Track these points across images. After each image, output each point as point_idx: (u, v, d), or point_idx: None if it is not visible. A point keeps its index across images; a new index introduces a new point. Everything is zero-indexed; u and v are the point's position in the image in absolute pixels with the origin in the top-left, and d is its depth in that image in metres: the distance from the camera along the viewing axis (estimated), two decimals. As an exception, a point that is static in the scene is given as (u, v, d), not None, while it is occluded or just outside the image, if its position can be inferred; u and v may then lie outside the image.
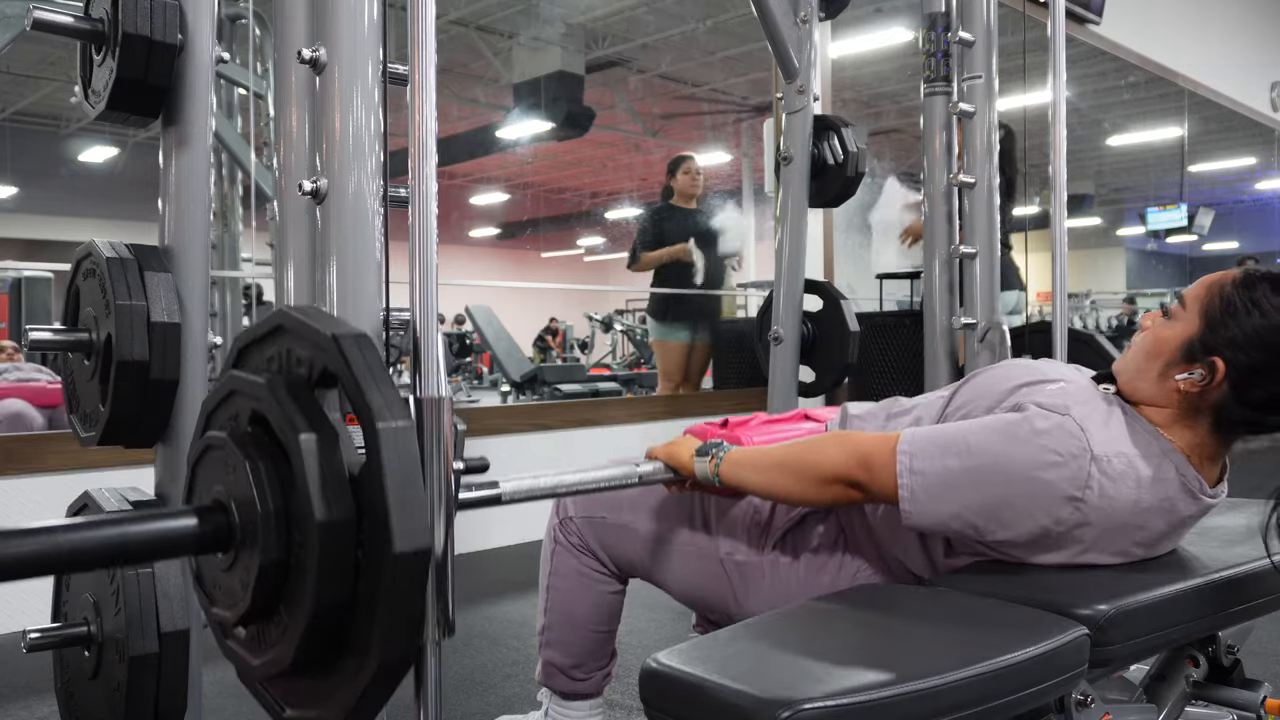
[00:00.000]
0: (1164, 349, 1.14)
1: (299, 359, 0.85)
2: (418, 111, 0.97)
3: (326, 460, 0.79)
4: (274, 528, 0.80)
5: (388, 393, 0.79)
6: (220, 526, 0.83)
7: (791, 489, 1.21)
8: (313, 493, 0.78)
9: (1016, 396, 1.16)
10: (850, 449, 1.17)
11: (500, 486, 1.09)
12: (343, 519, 0.78)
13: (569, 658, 1.50)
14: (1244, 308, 1.09)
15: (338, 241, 1.05)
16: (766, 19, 2.46)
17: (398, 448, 0.78)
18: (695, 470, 1.27)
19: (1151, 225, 10.17)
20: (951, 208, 2.32)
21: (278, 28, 1.14)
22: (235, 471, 0.82)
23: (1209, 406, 1.12)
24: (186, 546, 0.84)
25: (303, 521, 0.79)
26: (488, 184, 14.44)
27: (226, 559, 0.85)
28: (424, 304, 0.96)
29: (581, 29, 8.37)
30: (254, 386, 0.84)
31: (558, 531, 1.52)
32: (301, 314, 0.86)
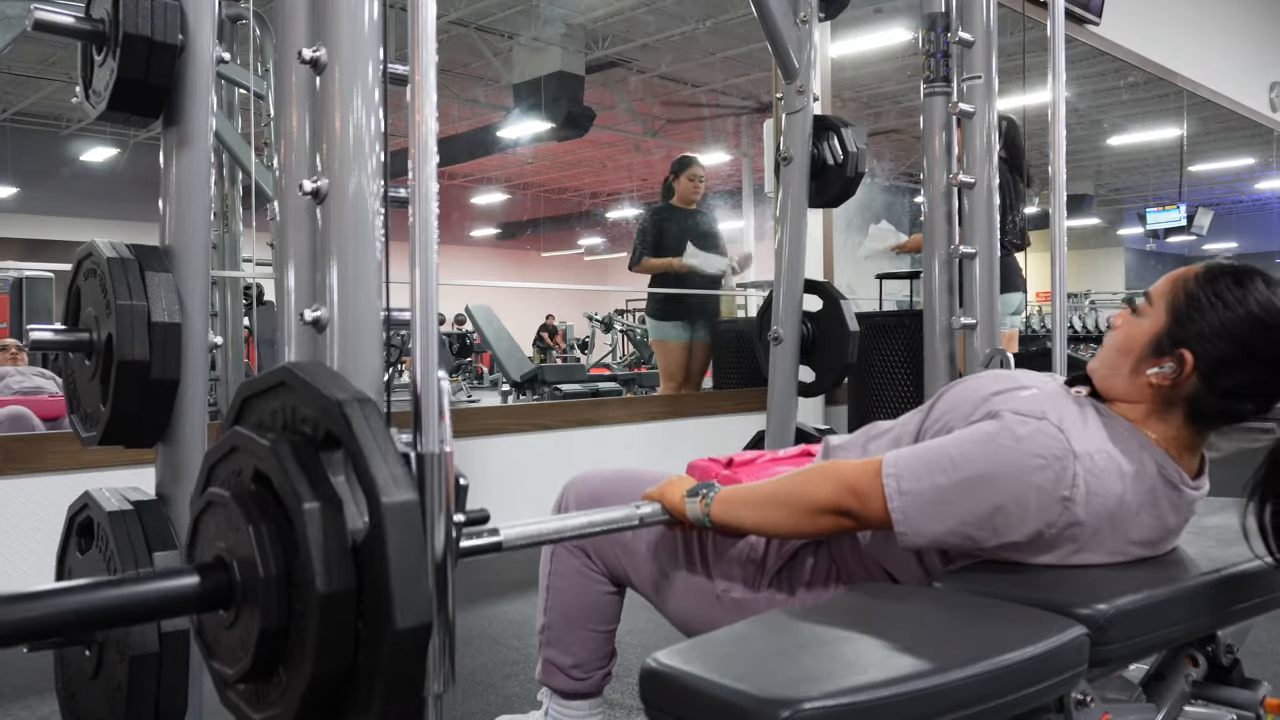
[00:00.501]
0: (1134, 345, 1.17)
1: (304, 417, 0.85)
2: (418, 111, 0.97)
3: (330, 530, 0.79)
4: (275, 593, 0.80)
5: (391, 463, 0.80)
6: (222, 585, 0.84)
7: (784, 523, 1.22)
8: (315, 563, 0.78)
9: (991, 405, 1.17)
10: (837, 478, 1.18)
11: (501, 534, 1.09)
12: (344, 590, 0.78)
13: (569, 657, 1.50)
14: (1208, 301, 1.12)
15: (338, 241, 1.05)
16: (766, 19, 2.46)
17: (401, 523, 0.78)
18: (687, 513, 1.28)
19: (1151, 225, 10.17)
20: (951, 208, 2.32)
21: (278, 28, 1.14)
22: (238, 532, 0.82)
23: (1182, 399, 1.14)
24: (189, 605, 0.84)
25: (304, 590, 0.79)
26: (488, 184, 14.45)
27: (228, 616, 0.85)
28: (424, 304, 0.96)
29: (581, 29, 8.37)
30: (260, 448, 0.84)
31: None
32: (306, 373, 0.86)
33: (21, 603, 0.76)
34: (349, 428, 0.80)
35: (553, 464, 3.44)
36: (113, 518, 1.17)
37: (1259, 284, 1.12)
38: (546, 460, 3.44)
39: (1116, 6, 5.85)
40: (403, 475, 0.79)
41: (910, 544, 1.15)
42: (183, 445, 1.26)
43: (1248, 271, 1.14)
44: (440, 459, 0.93)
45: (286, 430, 0.86)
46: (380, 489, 0.78)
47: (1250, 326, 1.10)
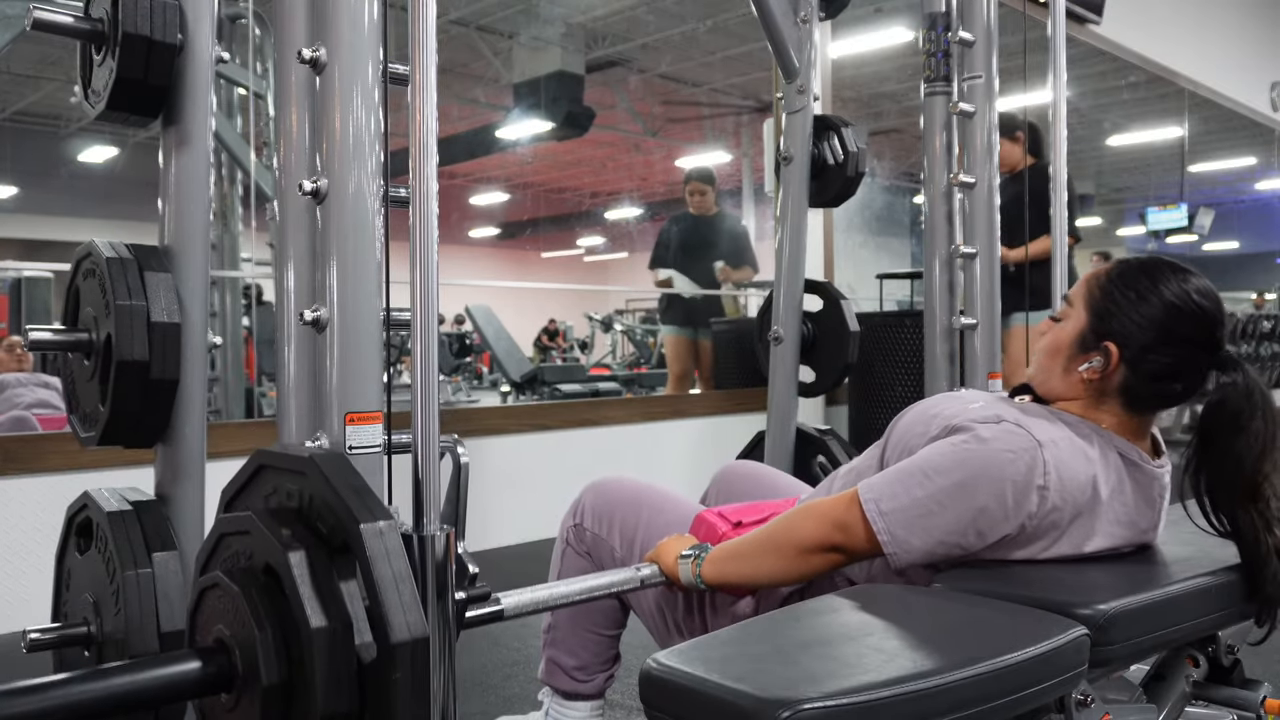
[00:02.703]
0: (1061, 345, 1.24)
1: (320, 515, 0.85)
2: (418, 111, 0.97)
3: (337, 651, 0.79)
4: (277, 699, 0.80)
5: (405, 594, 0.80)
6: (223, 669, 0.84)
7: (775, 569, 1.23)
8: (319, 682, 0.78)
9: (947, 421, 1.20)
10: (819, 515, 1.21)
11: (503, 603, 1.10)
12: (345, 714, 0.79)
13: (572, 658, 1.50)
14: (1122, 294, 1.19)
15: (338, 241, 1.05)
16: (766, 19, 2.46)
17: (411, 662, 0.79)
18: (680, 578, 1.29)
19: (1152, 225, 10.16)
20: (951, 208, 2.32)
21: (278, 28, 1.13)
22: (243, 624, 0.82)
23: (1115, 388, 1.20)
24: (190, 691, 0.85)
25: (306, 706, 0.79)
26: (488, 184, 14.44)
27: (229, 700, 0.85)
28: (424, 304, 0.96)
29: (581, 29, 8.36)
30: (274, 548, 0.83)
31: (570, 534, 1.52)
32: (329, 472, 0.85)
33: (19, 696, 0.76)
34: (364, 552, 0.80)
35: (553, 464, 3.44)
36: (112, 518, 1.17)
37: (1167, 272, 1.18)
38: (546, 460, 3.44)
39: (1117, 6, 5.85)
40: (415, 607, 0.80)
41: (901, 563, 1.16)
42: (182, 445, 1.26)
43: (1155, 262, 1.21)
44: (434, 541, 0.93)
45: (300, 519, 0.86)
46: (391, 625, 0.78)
47: (1165, 311, 1.16)
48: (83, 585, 1.23)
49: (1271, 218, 13.96)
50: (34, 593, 2.44)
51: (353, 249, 1.05)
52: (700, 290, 4.68)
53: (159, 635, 1.13)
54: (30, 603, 2.44)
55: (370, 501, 0.85)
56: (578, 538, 1.51)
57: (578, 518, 1.52)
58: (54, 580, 1.31)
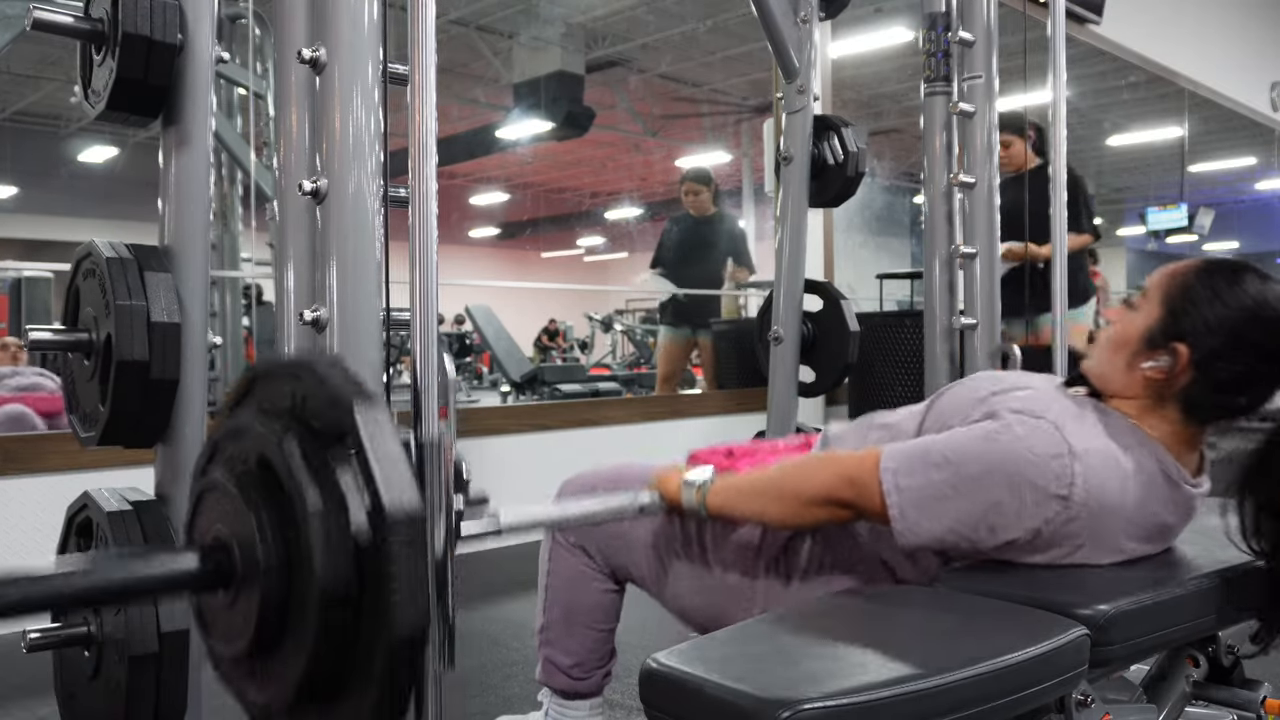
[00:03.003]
0: (1129, 339, 1.17)
1: (313, 411, 0.86)
2: (418, 111, 0.97)
3: (334, 532, 0.79)
4: (276, 581, 0.80)
5: (399, 470, 0.80)
6: (222, 566, 0.84)
7: (779, 513, 1.21)
8: (317, 562, 0.78)
9: (989, 405, 1.17)
10: (834, 469, 1.18)
11: (500, 521, 1.09)
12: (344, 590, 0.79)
13: (569, 657, 1.50)
14: (1203, 294, 1.13)
15: (338, 241, 1.05)
16: (766, 19, 2.46)
17: (406, 534, 0.78)
18: (683, 502, 1.27)
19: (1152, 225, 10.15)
20: (951, 208, 2.32)
21: (278, 28, 1.13)
22: (240, 518, 0.83)
23: (1177, 392, 1.14)
24: (188, 586, 0.84)
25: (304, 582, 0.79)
26: (488, 184, 14.44)
27: (227, 597, 0.85)
28: (424, 304, 0.96)
29: (581, 29, 8.36)
30: (267, 438, 0.84)
31: (557, 532, 1.52)
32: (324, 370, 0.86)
33: (21, 581, 0.76)
34: (357, 429, 0.80)
35: (552, 464, 3.43)
36: (112, 518, 1.17)
37: (1253, 278, 1.13)
38: (546, 460, 3.44)
39: (1117, 6, 5.85)
40: (409, 482, 0.80)
41: (908, 543, 1.14)
42: (182, 445, 1.26)
43: (1242, 266, 1.15)
44: (439, 448, 0.92)
45: (294, 417, 0.87)
46: (386, 497, 0.78)
47: (1244, 319, 1.11)
48: (83, 585, 1.23)
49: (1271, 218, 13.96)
50: (34, 593, 2.44)
51: (353, 249, 1.05)
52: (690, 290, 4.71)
53: (159, 635, 1.13)
54: (30, 603, 2.44)
55: (363, 389, 0.85)
56: (563, 533, 1.51)
57: None
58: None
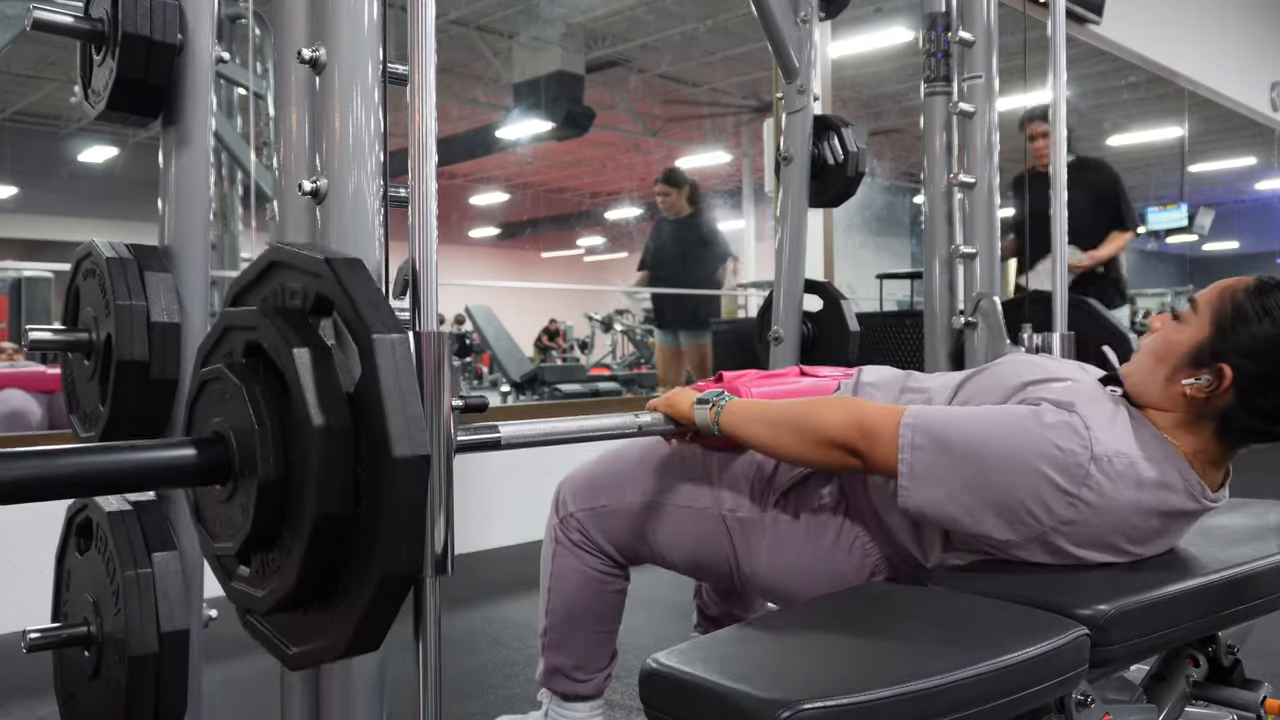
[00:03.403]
0: (1172, 353, 1.14)
1: (292, 291, 0.85)
2: (418, 111, 0.97)
3: (321, 374, 0.79)
4: (272, 446, 0.80)
5: (383, 310, 0.80)
6: (219, 456, 0.83)
7: (791, 447, 1.20)
8: (309, 403, 0.78)
9: (1025, 393, 1.16)
10: (855, 416, 1.16)
11: (500, 430, 1.09)
12: (340, 427, 0.78)
13: (570, 658, 1.50)
14: (1255, 315, 1.09)
15: (338, 241, 1.05)
16: (766, 19, 2.46)
17: (393, 359, 0.78)
18: (695, 418, 1.27)
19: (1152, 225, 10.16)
20: (951, 208, 2.32)
21: (278, 28, 1.13)
22: (232, 401, 0.82)
23: (1214, 413, 1.12)
24: (186, 476, 0.84)
25: (300, 433, 0.78)
26: (488, 184, 14.44)
27: (226, 490, 0.84)
28: (424, 304, 0.96)
29: (581, 29, 8.36)
30: (246, 316, 0.84)
31: (558, 531, 1.52)
32: (294, 246, 0.86)
33: (20, 460, 0.76)
34: (338, 282, 0.80)
35: (553, 464, 3.43)
36: (112, 518, 1.17)
37: None
38: (546, 460, 3.43)
39: (1117, 6, 5.85)
40: (392, 318, 0.80)
41: (908, 503, 1.13)
42: (182, 445, 1.26)
43: None
44: (438, 339, 0.92)
45: (276, 305, 0.87)
46: (370, 326, 0.78)
47: None
48: (83, 585, 1.23)
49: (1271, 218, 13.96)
50: (34, 593, 2.44)
51: (353, 249, 1.05)
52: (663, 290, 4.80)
53: (159, 635, 1.13)
54: (30, 603, 2.44)
55: (337, 253, 0.84)
56: (565, 530, 1.51)
57: (562, 511, 1.52)
58: (54, 580, 1.31)
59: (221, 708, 1.87)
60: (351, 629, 0.79)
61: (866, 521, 1.30)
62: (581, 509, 1.49)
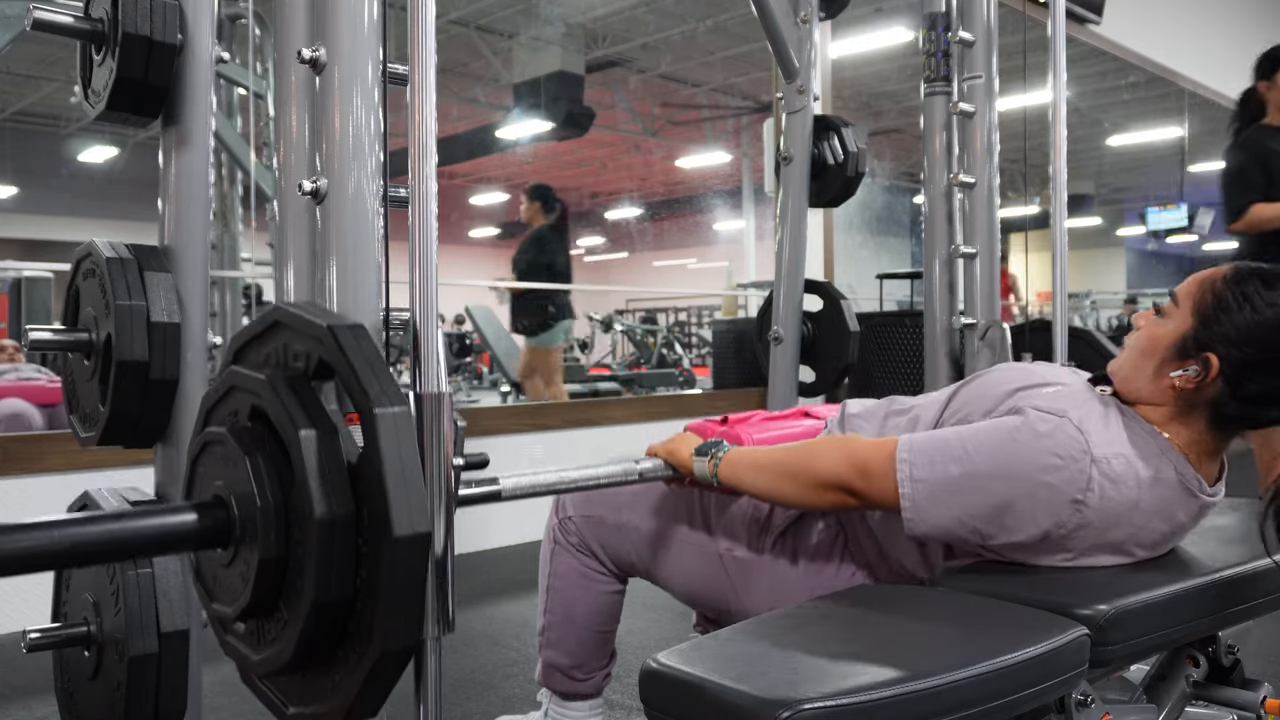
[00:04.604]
0: (1158, 347, 1.15)
1: (296, 354, 0.85)
2: (418, 111, 0.97)
3: (326, 454, 0.79)
4: (273, 524, 0.80)
5: (384, 380, 0.79)
6: (220, 522, 0.83)
7: (789, 493, 1.21)
8: (312, 488, 0.77)
9: (1013, 400, 1.16)
10: (848, 456, 1.17)
11: (500, 483, 1.09)
12: (342, 514, 0.78)
13: (569, 658, 1.50)
14: (1236, 303, 1.10)
15: (338, 241, 1.05)
16: (766, 19, 2.46)
17: (395, 433, 0.78)
18: (694, 470, 1.27)
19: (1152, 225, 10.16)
20: (951, 208, 2.32)
21: (278, 28, 1.13)
22: (235, 467, 0.82)
23: (1205, 402, 1.13)
24: (186, 542, 0.84)
25: (302, 518, 0.78)
26: (488, 184, 14.44)
27: (226, 554, 0.84)
28: (424, 304, 0.96)
29: (581, 29, 8.36)
30: (253, 382, 0.84)
31: (557, 532, 1.52)
32: (297, 309, 0.86)
33: (20, 533, 0.76)
34: (341, 351, 0.79)
35: (553, 464, 3.44)
36: (112, 518, 1.17)
37: None
38: (546, 461, 3.44)
39: (1117, 6, 5.85)
40: (395, 390, 0.79)
41: (915, 531, 1.14)
42: (182, 445, 1.26)
43: (1277, 274, 1.12)
44: (439, 399, 0.92)
45: (280, 367, 0.86)
46: (373, 400, 0.77)
47: (1278, 331, 1.08)
48: (83, 585, 1.23)
49: (1271, 218, 13.92)
50: (34, 593, 2.44)
51: (353, 249, 1.05)
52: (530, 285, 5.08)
53: (159, 635, 1.13)
54: (30, 603, 2.44)
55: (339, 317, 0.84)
56: (564, 532, 1.51)
57: (561, 513, 1.52)
58: (54, 580, 1.31)
59: (221, 708, 1.87)
60: (351, 696, 0.79)
61: (867, 553, 1.30)
62: (579, 515, 1.50)
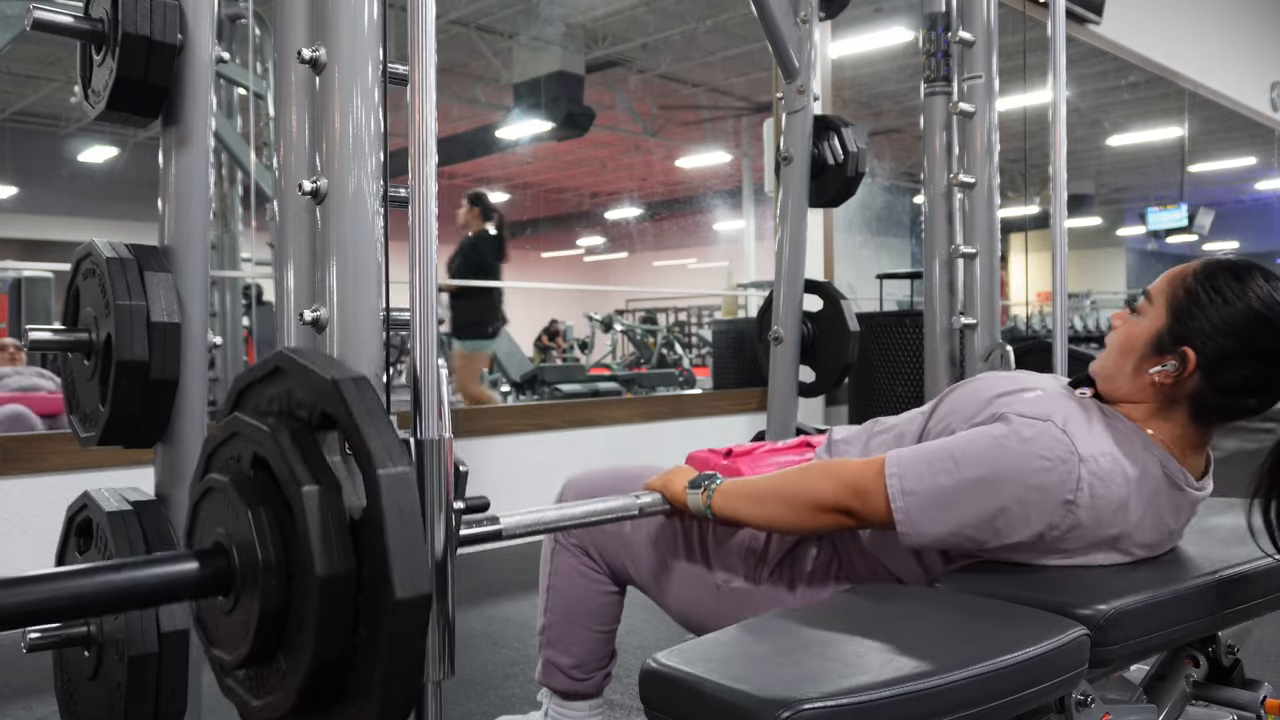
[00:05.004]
0: (1135, 344, 1.17)
1: (299, 401, 0.85)
2: (418, 111, 0.97)
3: (328, 511, 0.79)
4: (274, 577, 0.80)
5: (387, 437, 0.79)
6: (221, 570, 0.83)
7: (785, 519, 1.22)
8: (314, 546, 0.78)
9: (996, 406, 1.17)
10: (839, 477, 1.18)
11: (501, 522, 1.09)
12: (343, 573, 0.78)
13: (569, 657, 1.50)
14: (1208, 297, 1.12)
15: (338, 241, 1.05)
16: (766, 19, 2.46)
17: (397, 495, 0.78)
18: (689, 504, 1.28)
19: (1152, 225, 10.17)
20: (952, 208, 2.32)
21: (278, 28, 1.13)
22: (237, 517, 0.82)
23: (1185, 396, 1.14)
24: (189, 591, 0.84)
25: (303, 574, 0.78)
26: (488, 184, 14.43)
27: (228, 602, 0.84)
28: (424, 304, 0.96)
29: (581, 29, 8.36)
30: (257, 432, 0.83)
31: (558, 533, 1.52)
32: (301, 357, 0.86)
33: (19, 587, 0.76)
34: (344, 404, 0.80)
35: (553, 464, 3.44)
36: (112, 518, 1.17)
37: (1258, 279, 1.12)
38: (546, 460, 3.44)
39: (1117, 6, 5.85)
40: (398, 448, 0.79)
41: (912, 544, 1.15)
42: (182, 445, 1.26)
43: (1246, 267, 1.14)
44: (440, 445, 0.93)
45: (283, 415, 0.86)
46: (376, 461, 0.77)
47: (1251, 321, 1.10)
48: (83, 585, 1.23)
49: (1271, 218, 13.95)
50: (34, 593, 2.44)
51: (353, 249, 1.05)
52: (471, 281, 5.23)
53: (159, 635, 1.13)
54: (30, 603, 2.44)
55: (345, 368, 0.84)
56: (565, 534, 1.51)
57: None
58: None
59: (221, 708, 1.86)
60: None
61: (861, 574, 1.31)
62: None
